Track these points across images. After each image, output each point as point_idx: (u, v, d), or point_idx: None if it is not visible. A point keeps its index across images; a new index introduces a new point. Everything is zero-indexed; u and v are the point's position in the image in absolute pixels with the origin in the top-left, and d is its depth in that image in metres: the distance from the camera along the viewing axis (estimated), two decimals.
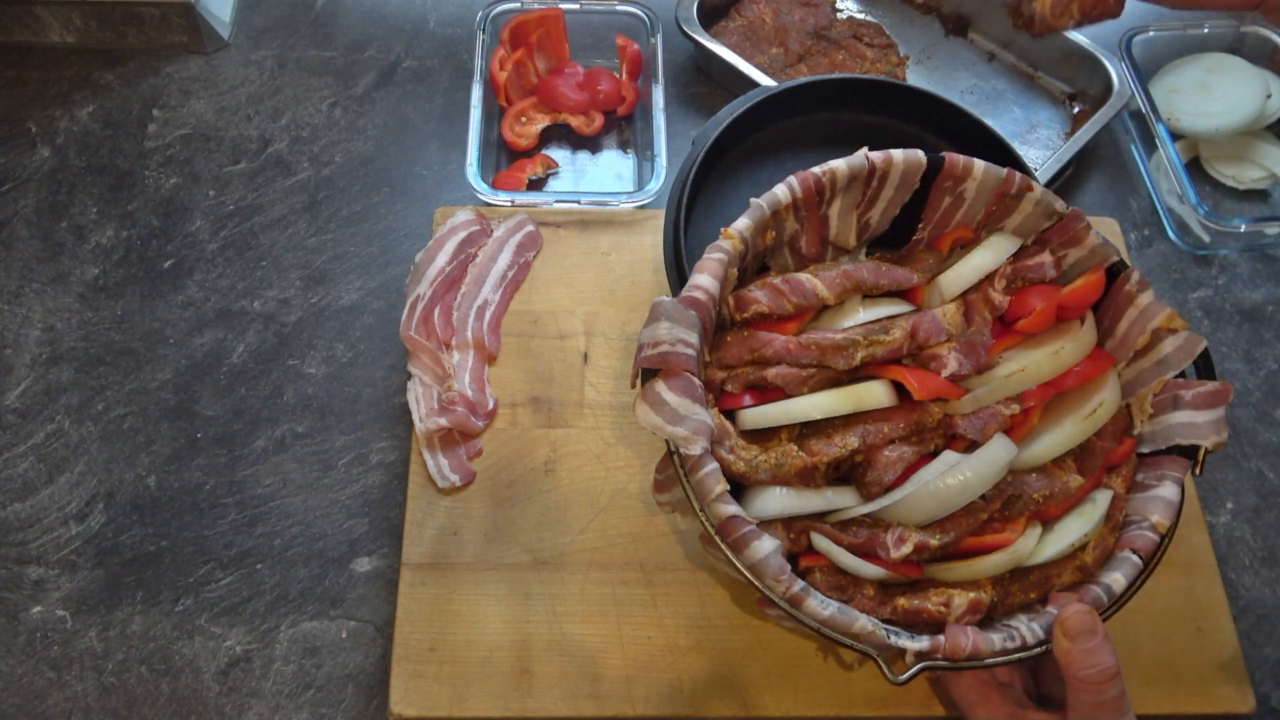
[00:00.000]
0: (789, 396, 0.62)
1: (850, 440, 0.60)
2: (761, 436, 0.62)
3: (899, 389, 0.63)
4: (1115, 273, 0.67)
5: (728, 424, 0.61)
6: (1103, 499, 0.63)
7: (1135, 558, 0.62)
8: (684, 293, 0.61)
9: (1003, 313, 0.65)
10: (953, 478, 0.60)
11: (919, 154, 0.67)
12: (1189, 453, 0.64)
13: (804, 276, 0.63)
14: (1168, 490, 0.63)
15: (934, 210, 0.69)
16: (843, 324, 0.63)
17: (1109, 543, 0.63)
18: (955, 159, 0.66)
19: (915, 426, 0.61)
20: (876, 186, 0.67)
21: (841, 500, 0.62)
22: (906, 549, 0.59)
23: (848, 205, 0.68)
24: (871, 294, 0.66)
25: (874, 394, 0.62)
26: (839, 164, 0.66)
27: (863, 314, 0.64)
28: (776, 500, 0.60)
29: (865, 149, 0.66)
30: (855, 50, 1.01)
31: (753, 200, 0.65)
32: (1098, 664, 0.57)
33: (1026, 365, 0.62)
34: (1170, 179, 0.92)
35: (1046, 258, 0.67)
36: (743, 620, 0.71)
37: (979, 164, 0.67)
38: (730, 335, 0.63)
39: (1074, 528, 0.62)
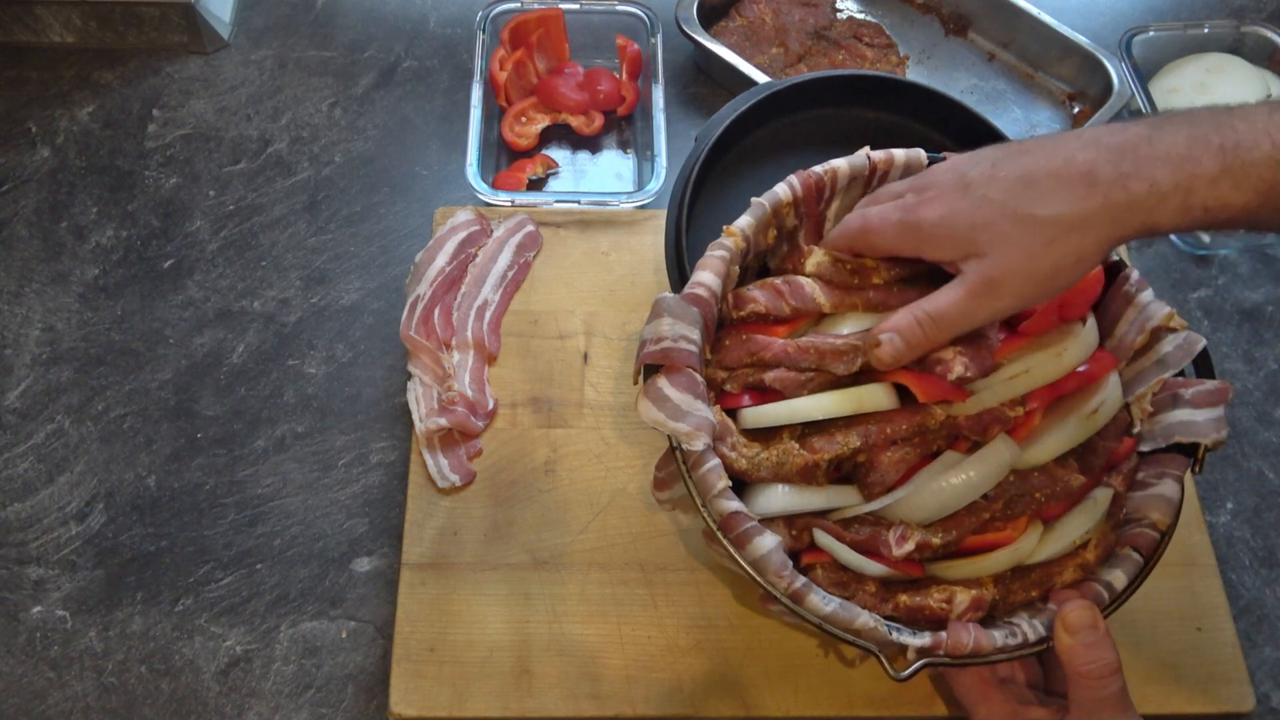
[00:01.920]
0: (789, 398, 0.62)
1: (852, 439, 0.60)
2: (763, 434, 0.62)
3: (901, 389, 0.62)
4: (1114, 272, 0.67)
5: (729, 421, 0.61)
6: (1103, 497, 0.63)
7: (1136, 555, 0.62)
8: (686, 289, 0.61)
9: None
10: (955, 477, 0.59)
11: (920, 153, 0.67)
12: (1189, 451, 0.64)
13: (805, 281, 0.63)
14: (1168, 488, 0.63)
15: None
16: (843, 328, 0.63)
17: (1110, 540, 0.63)
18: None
19: (918, 428, 0.61)
20: (877, 185, 0.67)
21: (843, 499, 0.62)
22: (909, 547, 0.59)
23: (847, 206, 0.68)
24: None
25: (875, 397, 0.61)
26: (840, 163, 0.66)
27: (864, 319, 0.63)
28: (778, 498, 0.60)
29: (867, 148, 0.66)
30: (855, 50, 1.01)
31: (754, 199, 0.65)
32: (1098, 659, 0.57)
33: (1030, 367, 0.62)
34: None
35: None
36: (743, 620, 0.71)
37: None
38: (729, 339, 0.63)
39: (1075, 525, 0.62)
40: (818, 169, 0.65)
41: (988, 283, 0.54)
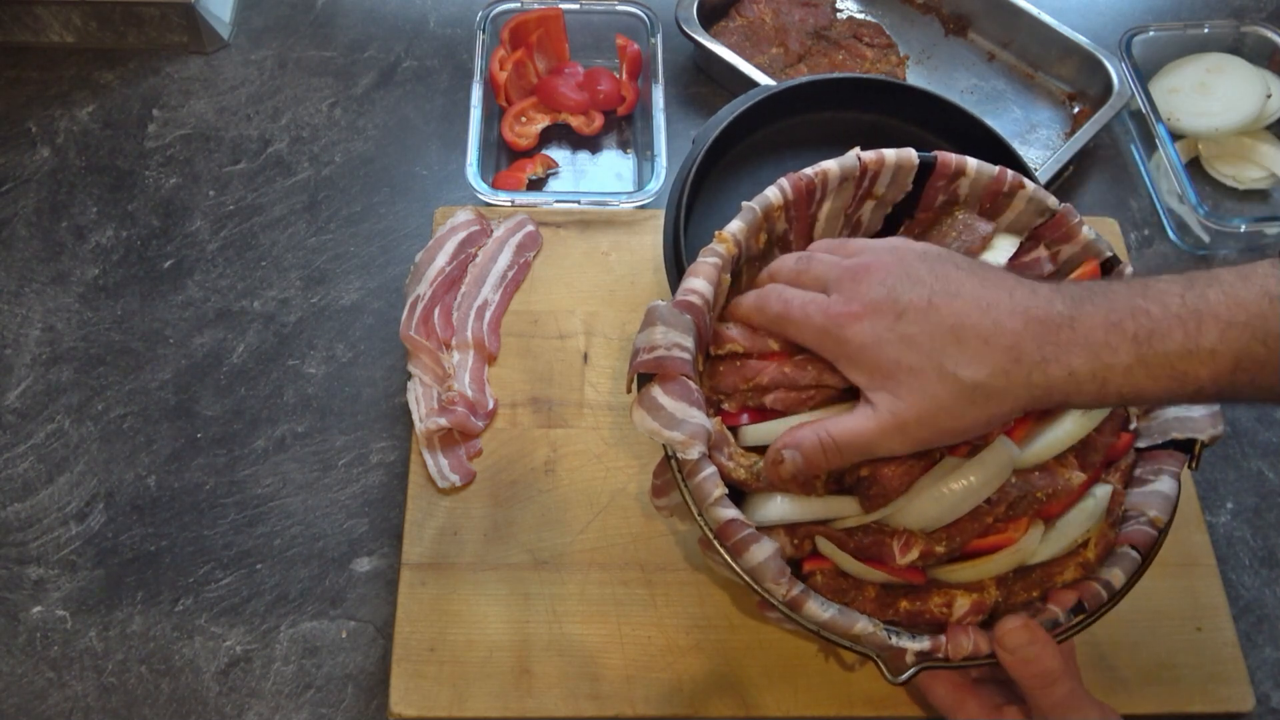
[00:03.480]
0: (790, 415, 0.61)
1: None
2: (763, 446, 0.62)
3: None
4: (1109, 269, 0.67)
5: (727, 432, 0.61)
6: (1103, 494, 0.63)
7: (1134, 553, 0.61)
8: (678, 296, 0.60)
9: None
10: (955, 483, 0.59)
11: (911, 153, 0.66)
12: (1185, 447, 0.64)
13: None
14: (1165, 485, 0.63)
15: (928, 209, 0.69)
16: None
17: (1110, 538, 0.63)
18: (948, 158, 0.66)
19: None
20: (868, 186, 0.67)
21: (843, 509, 0.61)
22: (913, 555, 0.59)
23: (838, 208, 0.68)
24: None
25: None
26: (830, 165, 0.65)
27: None
28: (777, 507, 0.60)
29: (857, 149, 0.66)
30: (855, 50, 1.01)
31: (744, 204, 0.64)
32: (1037, 670, 0.58)
33: None
34: (1170, 179, 0.92)
35: (1043, 253, 0.67)
36: (743, 620, 0.71)
37: (972, 162, 0.66)
38: (722, 365, 0.62)
39: (1076, 524, 0.62)
40: (808, 171, 0.65)
41: (899, 423, 0.54)
